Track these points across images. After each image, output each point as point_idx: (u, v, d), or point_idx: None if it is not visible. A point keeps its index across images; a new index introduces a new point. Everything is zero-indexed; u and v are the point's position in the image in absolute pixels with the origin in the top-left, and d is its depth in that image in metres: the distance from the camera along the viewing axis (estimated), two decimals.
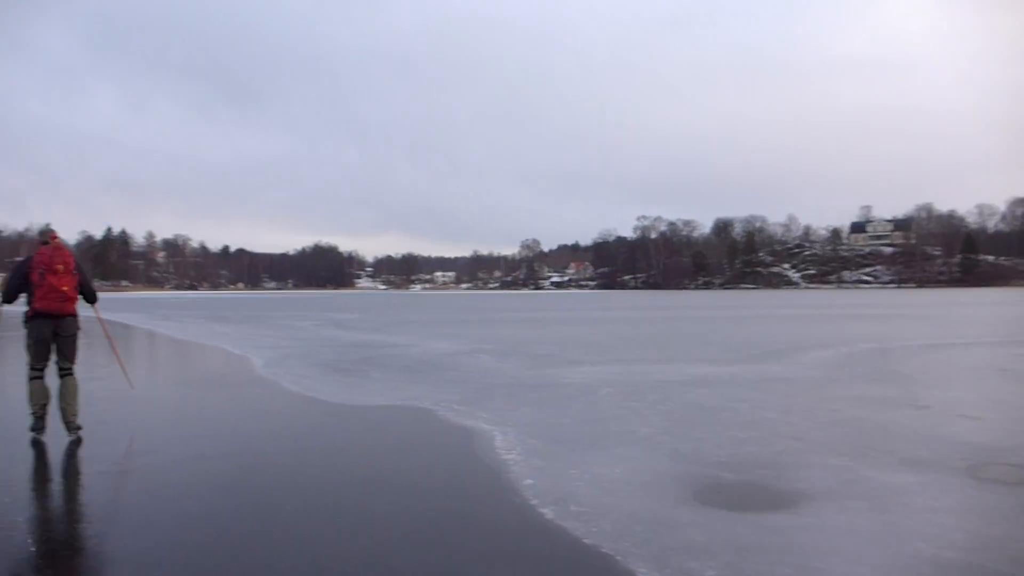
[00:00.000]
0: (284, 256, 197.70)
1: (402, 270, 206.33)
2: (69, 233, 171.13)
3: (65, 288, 5.62)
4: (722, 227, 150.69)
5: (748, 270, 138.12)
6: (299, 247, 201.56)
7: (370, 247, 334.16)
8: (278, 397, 8.19)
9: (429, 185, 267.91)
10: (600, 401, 7.44)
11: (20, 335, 5.89)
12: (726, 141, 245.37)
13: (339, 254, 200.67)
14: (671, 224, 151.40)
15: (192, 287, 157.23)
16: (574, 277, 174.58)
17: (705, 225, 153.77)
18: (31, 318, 5.65)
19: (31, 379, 5.68)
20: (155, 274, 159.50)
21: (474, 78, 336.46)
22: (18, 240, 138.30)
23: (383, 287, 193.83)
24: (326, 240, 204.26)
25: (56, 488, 4.77)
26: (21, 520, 3.94)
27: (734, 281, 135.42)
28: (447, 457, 5.37)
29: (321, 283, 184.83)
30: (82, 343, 6.14)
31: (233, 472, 4.91)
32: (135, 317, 27.46)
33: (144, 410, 7.38)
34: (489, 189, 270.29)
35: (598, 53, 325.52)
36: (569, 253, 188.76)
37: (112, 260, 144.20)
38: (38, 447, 5.57)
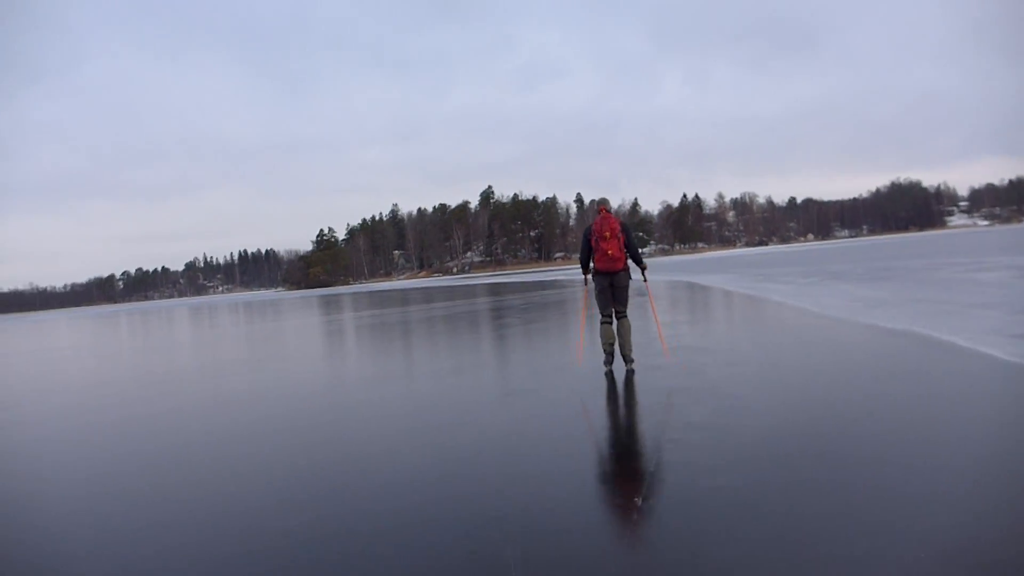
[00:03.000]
0: (855, 201, 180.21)
1: (1010, 200, 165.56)
2: (651, 203, 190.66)
3: (611, 251, 6.77)
4: None
5: None
6: (871, 189, 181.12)
7: (960, 178, 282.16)
8: None
9: None
10: None
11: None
12: None
13: (923, 190, 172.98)
14: None
15: (762, 243, 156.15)
16: None
17: None
18: (595, 275, 7.00)
19: (602, 323, 6.99)
20: (727, 234, 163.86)
21: None
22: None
23: (984, 223, 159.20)
24: (904, 177, 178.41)
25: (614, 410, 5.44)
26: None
27: None
28: None
29: (902, 226, 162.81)
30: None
31: None
32: (726, 279, 23.42)
33: None
34: None
35: None
36: None
37: (689, 224, 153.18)
38: (609, 377, 6.61)
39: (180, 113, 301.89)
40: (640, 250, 7.00)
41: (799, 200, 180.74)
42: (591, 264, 7.01)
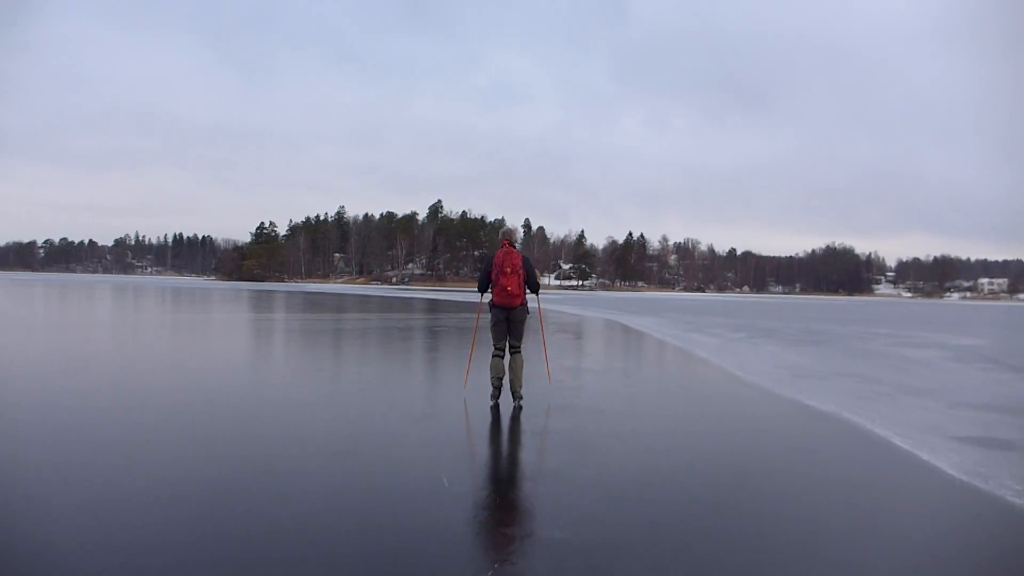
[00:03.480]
0: (791, 259, 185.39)
1: (933, 276, 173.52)
2: (598, 237, 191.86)
3: (510, 288, 6.66)
4: None
5: None
6: (807, 249, 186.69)
7: (889, 249, 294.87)
8: None
9: (965, 174, 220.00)
10: None
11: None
12: None
13: (855, 256, 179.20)
14: None
15: (700, 289, 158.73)
16: None
17: None
18: (492, 308, 6.89)
19: (493, 355, 6.86)
20: (667, 276, 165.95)
21: None
22: (559, 245, 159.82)
23: (908, 295, 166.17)
24: (839, 242, 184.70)
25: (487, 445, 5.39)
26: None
27: None
28: None
29: (833, 288, 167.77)
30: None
31: None
32: (656, 323, 22.55)
33: None
34: None
35: None
36: None
37: (631, 262, 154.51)
38: (494, 412, 6.44)
39: (131, 85, 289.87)
40: (581, 282, 6.26)
41: (739, 252, 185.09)
42: (490, 294, 6.91)
